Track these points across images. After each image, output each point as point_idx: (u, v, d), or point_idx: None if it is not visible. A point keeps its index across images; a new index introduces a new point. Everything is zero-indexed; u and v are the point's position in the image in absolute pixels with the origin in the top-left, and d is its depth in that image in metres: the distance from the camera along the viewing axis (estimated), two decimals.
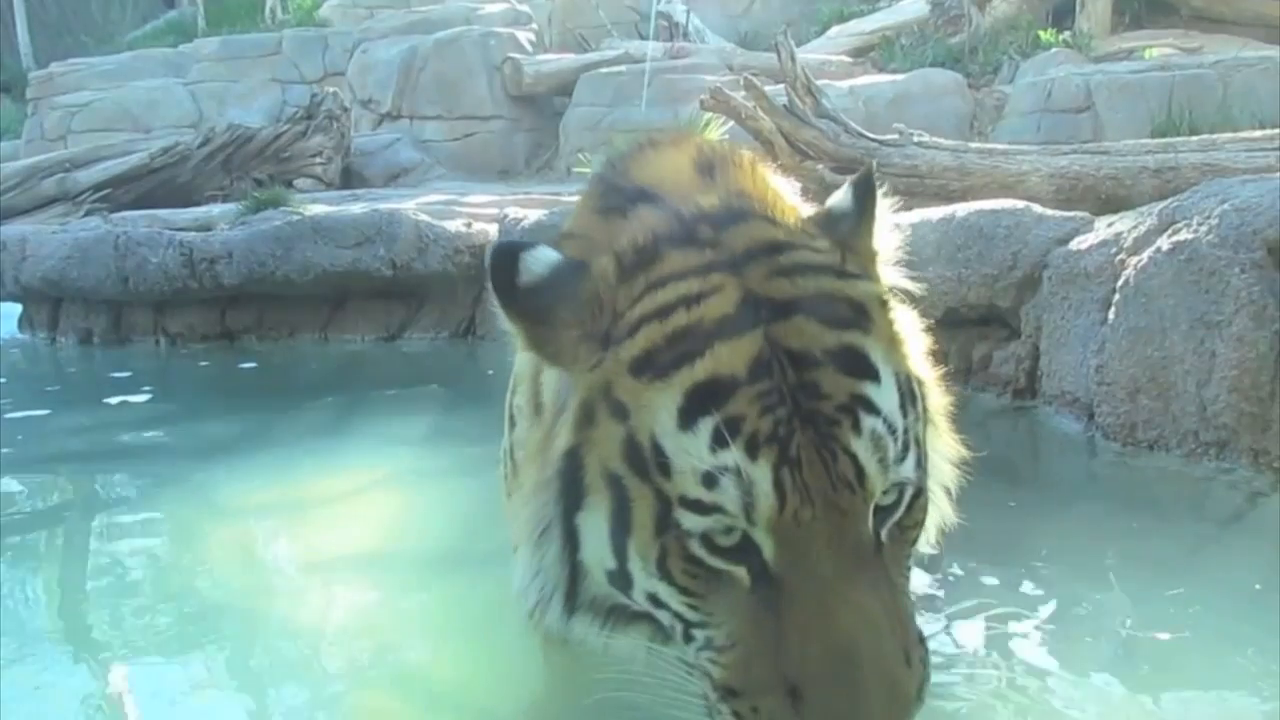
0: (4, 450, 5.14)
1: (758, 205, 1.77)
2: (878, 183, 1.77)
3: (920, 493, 1.60)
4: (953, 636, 2.89)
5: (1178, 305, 4.07)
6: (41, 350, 8.37)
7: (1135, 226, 4.51)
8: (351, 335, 7.93)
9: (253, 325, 8.05)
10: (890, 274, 1.82)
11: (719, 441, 1.45)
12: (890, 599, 1.49)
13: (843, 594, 1.44)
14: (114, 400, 6.37)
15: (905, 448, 1.53)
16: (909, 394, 1.59)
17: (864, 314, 1.60)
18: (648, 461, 1.51)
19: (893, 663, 1.44)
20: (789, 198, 2.08)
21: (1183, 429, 4.07)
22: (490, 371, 2.08)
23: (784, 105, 8.19)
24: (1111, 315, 4.36)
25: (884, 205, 1.80)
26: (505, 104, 18.05)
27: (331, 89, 15.14)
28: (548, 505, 1.67)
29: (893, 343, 1.63)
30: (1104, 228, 4.81)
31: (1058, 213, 5.24)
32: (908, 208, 6.33)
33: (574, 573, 1.68)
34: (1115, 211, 5.33)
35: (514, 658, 2.49)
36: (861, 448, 1.47)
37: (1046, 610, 3.04)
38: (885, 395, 1.52)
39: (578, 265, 1.68)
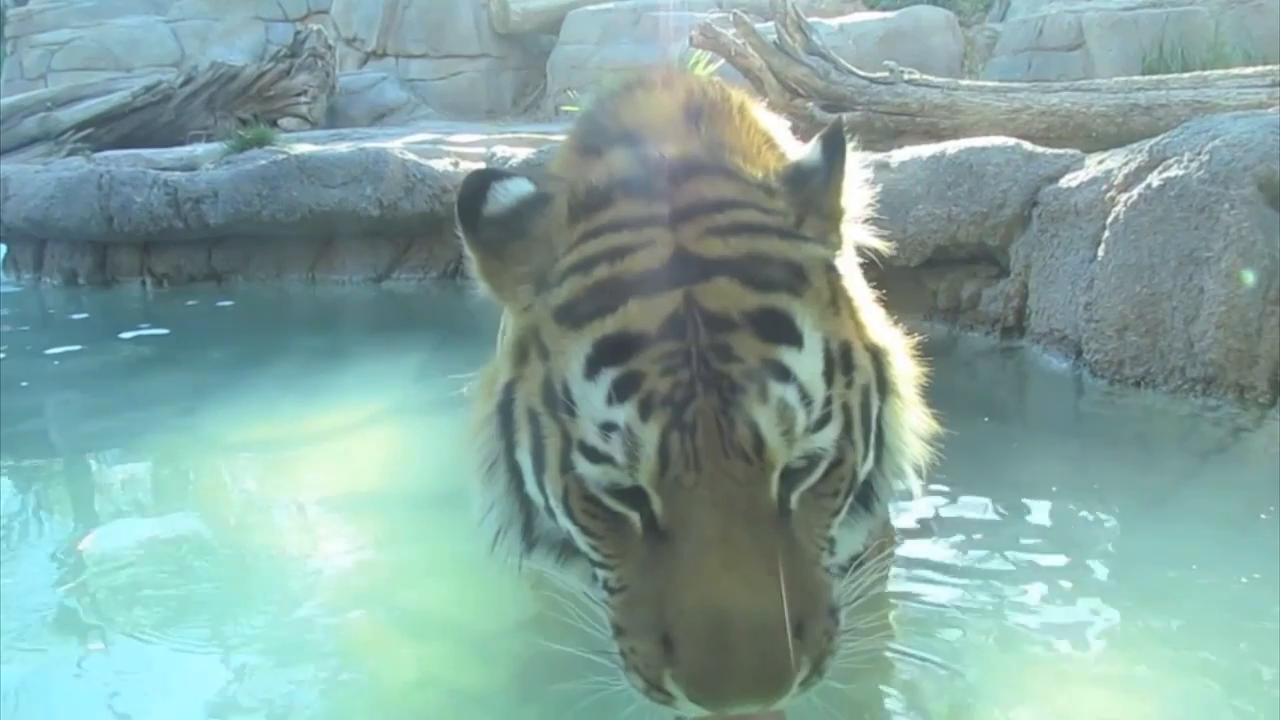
0: None
1: (725, 158, 1.75)
2: (848, 137, 1.72)
3: (841, 462, 1.56)
4: (941, 569, 2.93)
5: (1167, 242, 4.08)
6: (26, 291, 8.30)
7: (1126, 163, 4.50)
8: (339, 276, 7.88)
9: (240, 266, 7.99)
10: (858, 232, 1.79)
11: (615, 396, 1.45)
12: (788, 565, 1.46)
13: (723, 556, 1.42)
14: (101, 341, 6.36)
15: (825, 417, 1.50)
16: (840, 361, 1.56)
17: (800, 277, 1.56)
18: (559, 401, 1.52)
19: (770, 630, 1.40)
20: (779, 144, 2.05)
21: (1170, 365, 4.09)
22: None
23: (774, 43, 8.12)
24: (1101, 252, 4.36)
25: (854, 161, 1.75)
26: (491, 42, 17.82)
27: (316, 27, 14.94)
28: (492, 440, 1.70)
29: (832, 308, 1.60)
30: (1094, 165, 4.80)
31: (1048, 150, 5.22)
32: (898, 145, 6.30)
33: (525, 506, 1.70)
34: (1106, 149, 5.32)
35: (504, 588, 2.51)
36: (764, 416, 1.44)
37: (1033, 543, 3.08)
38: (805, 361, 1.49)
39: (541, 200, 1.68)
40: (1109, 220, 4.36)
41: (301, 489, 3.85)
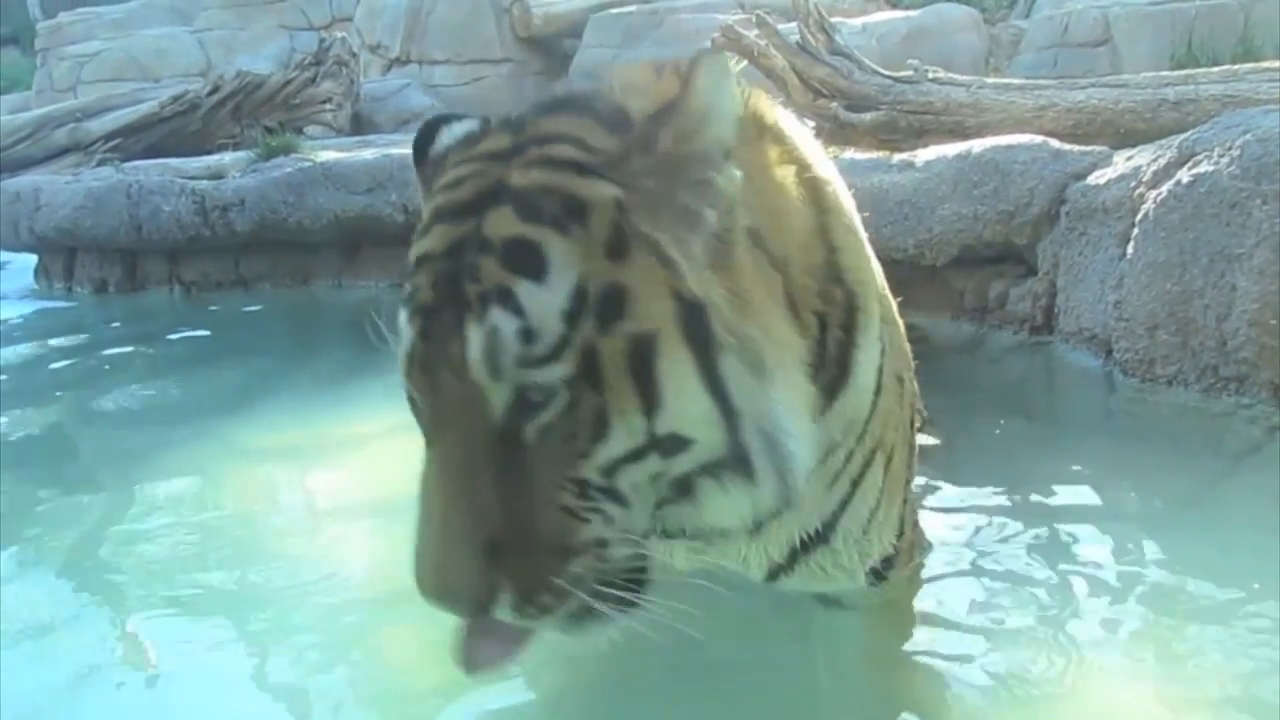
0: (26, 403, 5.19)
1: (608, 96, 1.72)
2: (718, 63, 1.56)
3: (577, 405, 1.52)
4: (968, 570, 2.91)
5: (1197, 239, 4.03)
6: (58, 300, 8.38)
7: (1154, 160, 4.45)
8: (366, 281, 7.90)
9: (267, 273, 8.04)
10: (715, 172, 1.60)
11: (401, 305, 1.61)
12: (504, 490, 1.51)
13: (433, 466, 1.54)
14: (131, 349, 6.42)
15: (550, 355, 1.49)
16: (597, 306, 1.51)
17: (575, 215, 1.54)
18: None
19: (453, 542, 1.50)
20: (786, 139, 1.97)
21: (1202, 364, 4.04)
22: None
23: (797, 43, 8.09)
24: (1130, 250, 4.32)
25: (721, 89, 1.56)
26: (514, 47, 17.84)
27: (339, 34, 14.99)
28: None
29: (613, 251, 1.54)
30: (1122, 161, 4.75)
31: (1075, 147, 5.17)
32: (923, 144, 6.26)
33: None
34: (1135, 145, 5.26)
35: None
36: (475, 337, 1.50)
37: (1061, 545, 3.06)
38: (541, 296, 1.50)
39: (470, 138, 1.80)
40: (1138, 217, 4.31)
41: (330, 493, 3.88)
